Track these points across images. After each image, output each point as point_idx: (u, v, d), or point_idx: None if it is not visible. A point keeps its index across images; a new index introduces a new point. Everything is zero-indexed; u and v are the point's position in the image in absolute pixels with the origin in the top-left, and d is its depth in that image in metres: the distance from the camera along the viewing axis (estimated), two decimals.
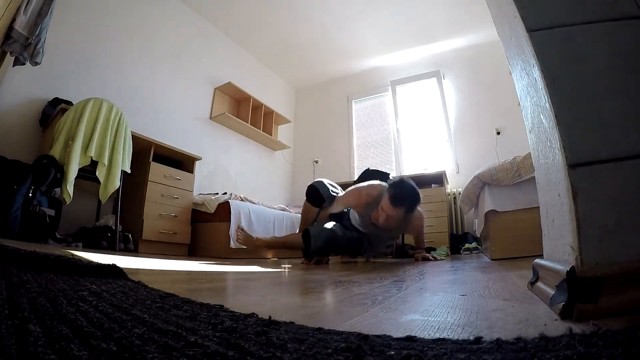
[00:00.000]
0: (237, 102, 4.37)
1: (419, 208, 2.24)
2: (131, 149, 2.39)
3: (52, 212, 2.03)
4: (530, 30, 0.55)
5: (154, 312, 0.43)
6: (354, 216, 2.33)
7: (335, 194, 2.34)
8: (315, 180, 2.45)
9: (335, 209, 2.31)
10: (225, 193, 3.24)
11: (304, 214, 2.50)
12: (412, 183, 2.07)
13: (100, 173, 2.16)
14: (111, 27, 3.00)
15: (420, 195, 2.10)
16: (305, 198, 2.45)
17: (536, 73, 0.53)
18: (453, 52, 4.58)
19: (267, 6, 3.88)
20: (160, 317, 0.40)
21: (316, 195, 2.34)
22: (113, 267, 0.84)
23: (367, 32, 4.32)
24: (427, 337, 0.34)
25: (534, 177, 0.75)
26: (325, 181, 2.41)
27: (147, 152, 2.69)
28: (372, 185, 2.20)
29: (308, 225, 2.33)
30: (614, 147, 0.45)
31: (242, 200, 3.19)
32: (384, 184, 2.17)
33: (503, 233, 2.00)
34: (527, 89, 0.64)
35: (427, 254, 2.28)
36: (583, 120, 0.47)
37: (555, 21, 0.54)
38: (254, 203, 3.29)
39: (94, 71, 2.81)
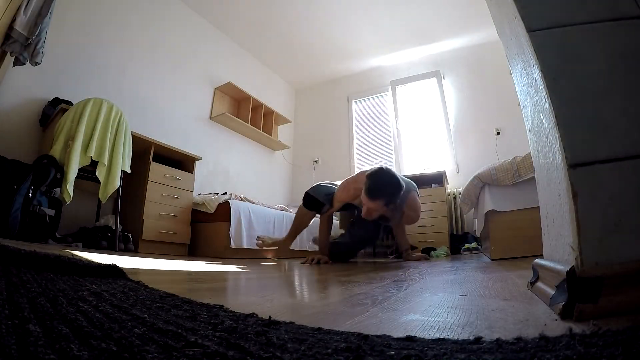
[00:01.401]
0: (237, 102, 4.37)
1: (415, 196, 2.16)
2: (131, 149, 2.39)
3: (52, 212, 2.03)
4: (530, 30, 0.55)
5: (154, 312, 0.43)
6: None
7: (333, 192, 2.27)
8: (312, 186, 2.40)
9: (336, 207, 2.29)
10: (225, 193, 3.24)
11: (298, 217, 2.40)
12: (392, 172, 1.91)
13: (100, 173, 2.16)
14: (111, 27, 3.00)
15: (403, 184, 1.91)
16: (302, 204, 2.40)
17: (536, 73, 0.53)
18: (453, 52, 4.58)
19: (267, 6, 3.88)
20: (160, 317, 0.40)
21: (312, 201, 2.27)
22: (113, 267, 0.84)
23: (367, 32, 4.32)
24: (427, 337, 0.34)
25: (534, 177, 0.75)
26: (322, 183, 2.38)
27: (147, 152, 2.69)
28: (358, 177, 2.05)
29: (300, 228, 2.38)
30: (614, 147, 0.45)
31: (242, 200, 3.19)
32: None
33: (503, 233, 2.00)
34: (527, 89, 0.64)
35: (421, 254, 2.28)
36: (583, 120, 0.47)
37: (555, 21, 0.54)
38: (254, 203, 3.29)
39: (94, 71, 2.81)
